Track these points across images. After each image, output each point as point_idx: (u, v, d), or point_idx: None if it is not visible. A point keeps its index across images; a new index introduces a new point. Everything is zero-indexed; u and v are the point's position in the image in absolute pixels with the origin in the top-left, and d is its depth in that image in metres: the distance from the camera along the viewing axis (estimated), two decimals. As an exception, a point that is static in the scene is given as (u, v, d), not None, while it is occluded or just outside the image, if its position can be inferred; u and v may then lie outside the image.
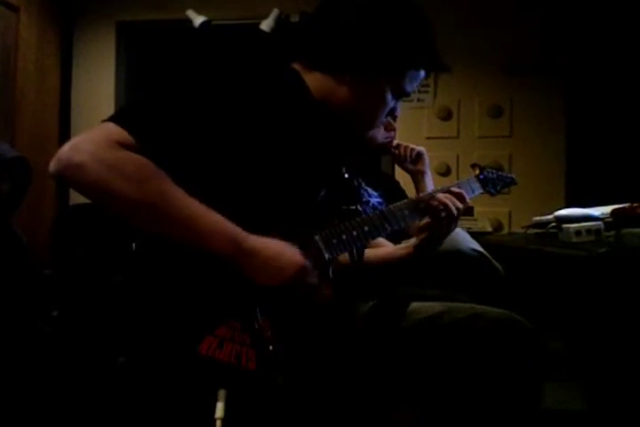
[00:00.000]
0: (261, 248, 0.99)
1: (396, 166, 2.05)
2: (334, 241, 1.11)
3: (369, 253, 1.33)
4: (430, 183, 1.93)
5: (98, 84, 3.91)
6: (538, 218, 2.33)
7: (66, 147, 0.92)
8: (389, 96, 1.17)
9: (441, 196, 1.28)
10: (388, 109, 1.20)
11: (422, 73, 1.20)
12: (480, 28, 3.60)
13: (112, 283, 0.92)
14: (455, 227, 1.34)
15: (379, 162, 2.18)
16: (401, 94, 1.19)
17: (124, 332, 0.90)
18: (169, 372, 0.91)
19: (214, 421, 0.90)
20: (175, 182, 0.95)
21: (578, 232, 1.90)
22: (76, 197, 1.02)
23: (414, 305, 1.39)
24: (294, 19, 3.38)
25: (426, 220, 1.31)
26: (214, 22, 3.49)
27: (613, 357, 1.65)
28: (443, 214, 1.27)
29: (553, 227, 2.10)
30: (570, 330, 1.90)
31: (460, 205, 1.30)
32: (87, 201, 0.99)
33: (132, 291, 0.93)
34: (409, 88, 1.19)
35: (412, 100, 3.63)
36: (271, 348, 0.98)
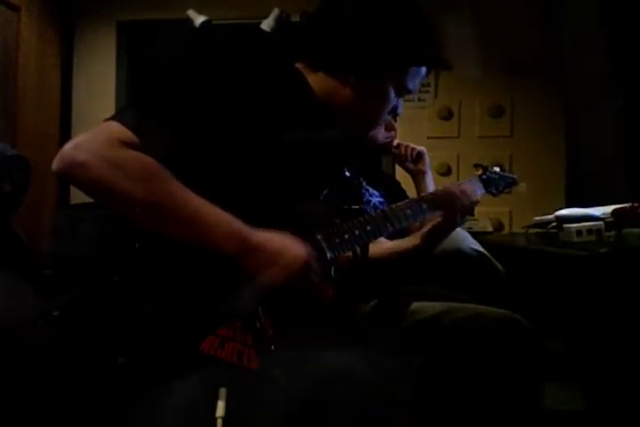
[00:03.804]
0: (266, 243, 0.98)
1: (397, 166, 2.05)
2: (337, 240, 1.12)
3: (374, 247, 1.33)
4: (431, 183, 1.93)
5: (98, 84, 3.91)
6: (539, 218, 2.33)
7: (69, 145, 0.92)
8: (392, 94, 1.17)
9: (459, 188, 1.32)
10: (390, 108, 1.21)
11: (424, 69, 1.20)
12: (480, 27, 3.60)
13: (112, 282, 0.92)
14: (463, 222, 1.37)
15: (379, 162, 2.18)
16: (403, 91, 1.20)
17: (124, 332, 0.90)
18: (170, 372, 0.91)
19: (215, 420, 0.90)
20: (179, 181, 0.95)
21: (579, 232, 1.90)
22: (77, 197, 1.01)
23: (415, 305, 1.39)
24: (295, 18, 3.39)
25: (435, 214, 1.33)
26: (215, 22, 3.49)
27: (613, 357, 1.65)
28: (461, 206, 1.30)
29: (554, 227, 2.10)
30: (570, 330, 1.90)
31: (476, 200, 1.33)
32: (88, 201, 0.99)
33: (133, 291, 0.93)
34: (411, 85, 1.19)
35: (412, 100, 3.63)
36: (273, 347, 0.98)
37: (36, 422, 0.83)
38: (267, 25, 3.36)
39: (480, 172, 1.47)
